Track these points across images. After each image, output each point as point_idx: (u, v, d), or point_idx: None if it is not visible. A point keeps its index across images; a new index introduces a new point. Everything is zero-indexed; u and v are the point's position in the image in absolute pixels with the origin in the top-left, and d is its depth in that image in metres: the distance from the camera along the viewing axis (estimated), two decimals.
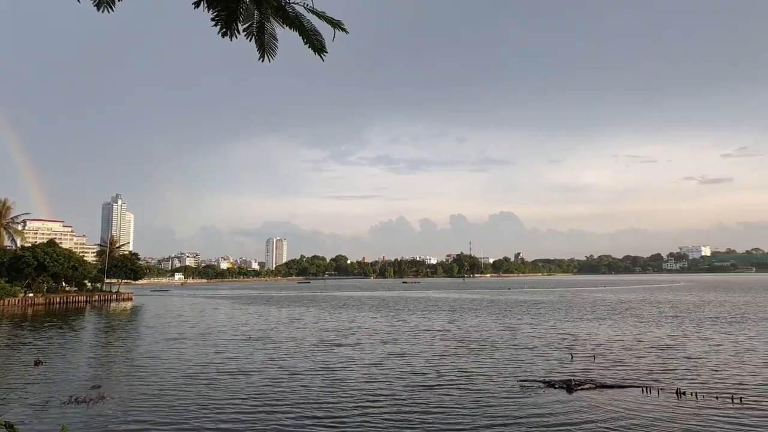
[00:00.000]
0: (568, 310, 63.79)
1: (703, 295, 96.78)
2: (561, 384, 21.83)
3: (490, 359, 28.80)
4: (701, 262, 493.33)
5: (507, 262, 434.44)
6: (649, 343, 34.26)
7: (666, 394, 20.29)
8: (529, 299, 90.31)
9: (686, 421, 17.00)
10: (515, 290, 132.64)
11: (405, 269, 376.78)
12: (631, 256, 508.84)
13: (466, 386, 22.11)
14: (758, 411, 17.92)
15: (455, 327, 45.78)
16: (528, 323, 48.57)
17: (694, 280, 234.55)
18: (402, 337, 38.40)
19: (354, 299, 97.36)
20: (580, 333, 40.44)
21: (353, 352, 31.92)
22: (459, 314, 59.59)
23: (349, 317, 57.54)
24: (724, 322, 46.53)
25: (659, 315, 56.25)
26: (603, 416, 17.65)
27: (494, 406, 18.95)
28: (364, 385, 22.44)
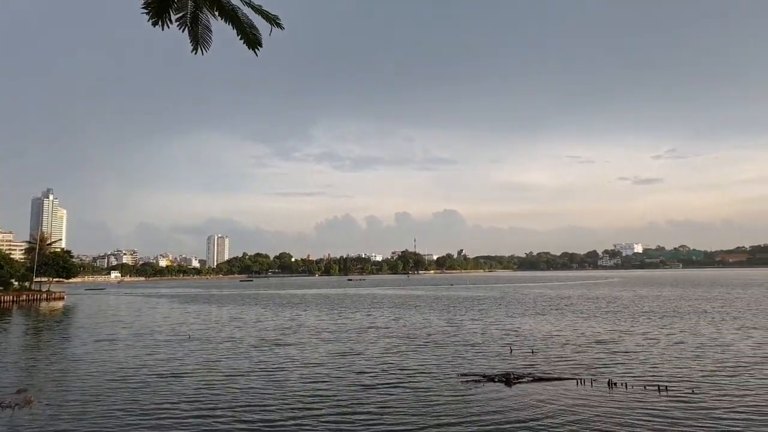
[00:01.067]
0: (509, 306, 65.45)
1: (636, 291, 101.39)
2: (500, 378, 22.36)
3: (433, 355, 29.12)
4: (634, 258, 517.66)
5: (450, 258, 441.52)
6: (586, 337, 35.56)
7: (598, 385, 21.11)
8: (471, 295, 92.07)
9: (614, 410, 17.74)
10: (458, 286, 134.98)
11: (350, 266, 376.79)
12: (568, 253, 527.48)
13: (409, 383, 22.21)
14: (680, 400, 18.88)
15: (399, 324, 46.10)
16: (470, 319, 49.48)
17: (627, 276, 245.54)
18: (346, 336, 38.23)
19: (298, 297, 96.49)
20: (521, 328, 41.54)
21: (295, 351, 31.42)
22: (403, 311, 60.08)
23: (292, 316, 56.96)
24: (656, 317, 48.76)
25: (596, 310, 58.51)
26: (539, 407, 18.19)
27: (435, 402, 19.16)
28: (306, 386, 22.03)
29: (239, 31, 8.22)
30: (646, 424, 16.18)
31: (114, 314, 63.79)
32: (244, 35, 8.28)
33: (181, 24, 7.91)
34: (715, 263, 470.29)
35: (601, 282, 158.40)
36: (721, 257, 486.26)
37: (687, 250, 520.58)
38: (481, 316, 52.47)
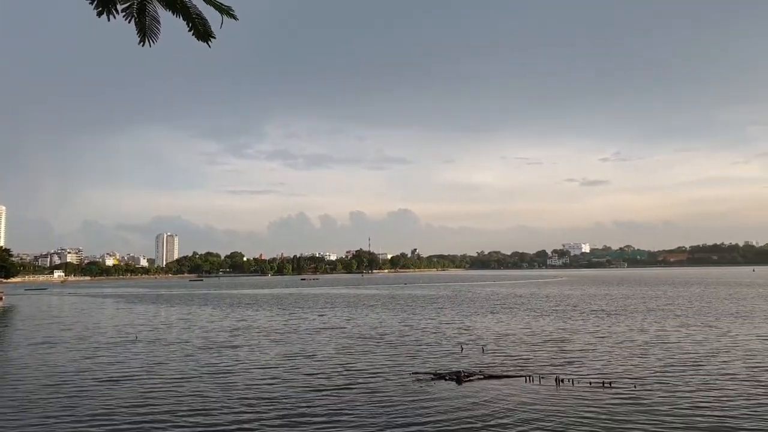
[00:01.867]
0: (461, 305, 66.32)
1: (585, 289, 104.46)
2: (451, 376, 22.56)
3: (386, 355, 29.12)
4: (581, 258, 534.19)
5: (404, 257, 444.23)
6: (536, 335, 36.35)
7: (546, 383, 21.55)
8: (424, 294, 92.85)
9: (560, 406, 18.13)
10: (411, 285, 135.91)
11: (304, 266, 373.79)
12: (518, 252, 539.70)
13: (361, 384, 22.04)
14: (623, 395, 19.44)
15: (352, 324, 45.99)
16: (423, 318, 49.86)
17: (575, 274, 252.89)
18: (298, 337, 37.65)
19: (249, 297, 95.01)
20: (472, 326, 42.13)
21: (245, 353, 30.65)
22: (356, 311, 59.99)
23: (242, 316, 56.00)
24: (604, 315, 50.26)
25: (546, 308, 59.93)
26: (488, 405, 18.40)
27: (386, 402, 19.12)
28: (255, 390, 21.36)
29: (189, 22, 7.95)
30: (590, 420, 16.61)
31: (55, 315, 61.17)
32: (194, 26, 8.00)
33: (127, 14, 7.59)
34: (657, 263, 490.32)
35: (550, 281, 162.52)
36: (663, 257, 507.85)
37: (631, 250, 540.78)
38: (433, 315, 52.95)
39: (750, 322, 42.31)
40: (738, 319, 44.08)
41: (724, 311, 51.74)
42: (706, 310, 53.66)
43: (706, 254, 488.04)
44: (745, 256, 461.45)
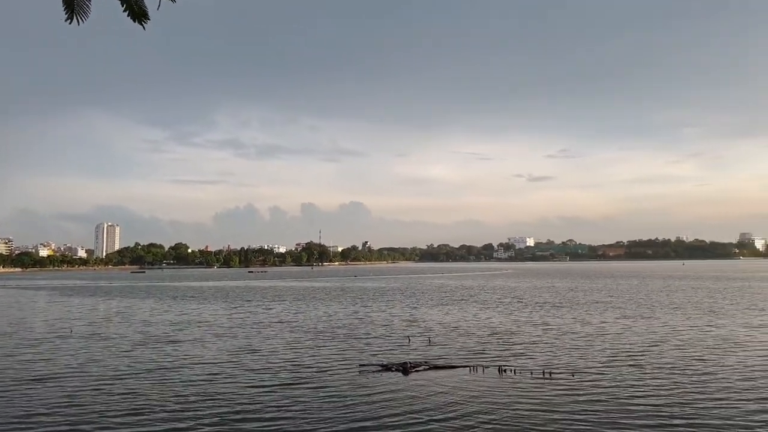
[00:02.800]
0: (410, 297, 66.80)
1: (530, 282, 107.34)
2: (398, 367, 22.63)
3: (334, 348, 28.92)
4: (526, 251, 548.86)
5: (355, 250, 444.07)
6: (482, 326, 36.94)
7: (489, 372, 21.95)
8: (374, 287, 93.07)
9: (501, 395, 18.53)
10: (362, 278, 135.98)
11: (251, 258, 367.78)
12: (466, 245, 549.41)
13: (308, 377, 21.79)
14: (562, 385, 20.01)
15: (301, 317, 45.51)
16: (372, 310, 49.91)
17: (519, 267, 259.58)
18: (244, 331, 36.70)
19: (194, 290, 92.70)
20: (420, 318, 42.44)
21: (188, 349, 29.40)
22: (305, 304, 59.45)
23: (186, 309, 54.52)
24: (548, 307, 51.64)
25: (492, 300, 61.12)
26: (432, 395, 18.60)
27: (333, 395, 18.99)
28: (197, 387, 20.30)
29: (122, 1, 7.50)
30: (529, 408, 16.99)
31: None
32: (128, 5, 7.55)
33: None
34: (597, 257, 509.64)
35: (496, 273, 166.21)
36: (603, 251, 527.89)
37: (573, 244, 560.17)
38: (382, 307, 53.08)
39: (683, 313, 44.37)
40: (673, 311, 46.17)
41: (661, 303, 54.14)
42: (644, 302, 56.02)
43: (641, 249, 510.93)
44: (676, 251, 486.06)
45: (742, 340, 29.60)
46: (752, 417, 15.90)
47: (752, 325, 36.21)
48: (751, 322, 37.36)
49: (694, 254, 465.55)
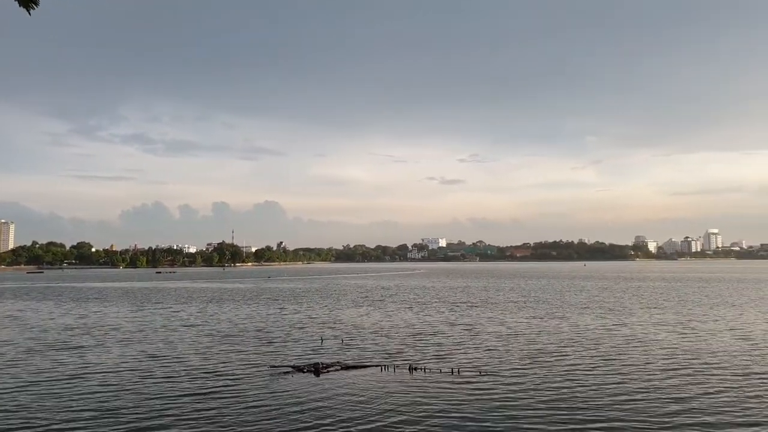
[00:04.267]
0: (324, 298, 66.66)
1: (442, 282, 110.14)
2: (309, 368, 22.66)
3: (245, 351, 28.39)
4: (438, 252, 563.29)
5: (269, 251, 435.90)
6: (395, 326, 37.59)
7: (400, 371, 22.48)
8: (288, 288, 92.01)
9: (411, 392, 19.12)
10: (276, 279, 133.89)
11: (160, 258, 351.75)
12: (382, 246, 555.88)
13: (217, 381, 21.32)
14: (469, 381, 20.92)
15: (211, 320, 44.28)
16: (284, 312, 49.41)
17: (432, 267, 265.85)
18: (151, 335, 34.98)
19: (96, 291, 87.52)
20: (333, 319, 42.53)
21: (89, 356, 27.47)
22: (215, 306, 57.82)
23: (87, 312, 51.45)
24: (460, 306, 53.31)
25: (407, 300, 62.20)
26: (344, 394, 18.85)
27: (243, 397, 18.75)
28: (97, 399, 18.84)
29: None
30: (436, 406, 17.62)
31: None
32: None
33: None
34: (505, 257, 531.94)
35: (410, 273, 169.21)
36: (511, 252, 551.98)
37: (483, 245, 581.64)
38: (296, 308, 52.66)
39: (590, 312, 47.32)
40: (580, 310, 49.11)
41: (568, 302, 57.42)
42: (553, 301, 59.17)
43: (547, 250, 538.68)
44: (578, 252, 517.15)
45: (644, 337, 31.81)
46: (652, 409, 17.34)
47: (651, 322, 39.24)
48: (648, 320, 40.50)
49: (595, 256, 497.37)
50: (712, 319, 40.08)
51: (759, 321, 38.78)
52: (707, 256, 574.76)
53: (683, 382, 20.27)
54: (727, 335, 31.87)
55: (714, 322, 38.25)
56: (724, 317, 41.20)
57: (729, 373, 21.84)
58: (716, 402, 17.67)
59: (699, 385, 19.95)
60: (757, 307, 48.78)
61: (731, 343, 28.86)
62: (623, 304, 52.99)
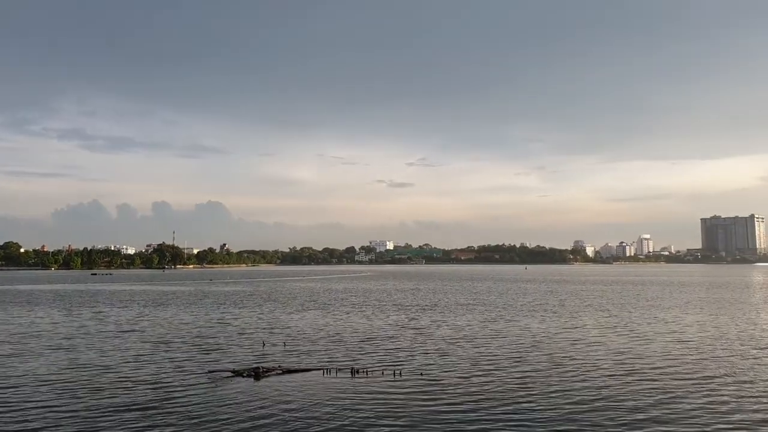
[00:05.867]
0: (269, 301, 65.83)
1: (392, 284, 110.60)
2: (249, 372, 22.40)
3: (184, 355, 27.70)
4: (386, 254, 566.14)
5: (212, 253, 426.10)
6: (340, 329, 37.58)
7: (342, 374, 22.55)
8: (230, 291, 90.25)
9: (353, 395, 19.28)
10: (218, 282, 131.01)
11: (96, 259, 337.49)
12: (329, 249, 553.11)
13: (153, 389, 20.55)
14: (410, 382, 21.28)
15: (148, 324, 42.93)
16: (226, 315, 48.51)
17: (379, 270, 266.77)
18: (82, 342, 33.04)
19: (25, 294, 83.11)
20: (278, 322, 42.09)
21: (13, 364, 25.78)
22: (155, 309, 56.07)
23: (10, 317, 48.76)
24: (412, 309, 53.76)
25: (352, 302, 62.19)
26: (284, 398, 18.78)
27: (181, 403, 18.36)
28: (27, 405, 18.09)
29: None
30: (379, 406, 17.86)
31: None
32: None
33: None
34: (450, 260, 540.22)
35: (358, 276, 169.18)
36: (455, 255, 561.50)
37: (429, 248, 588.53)
38: (238, 312, 51.78)
39: (535, 314, 48.67)
40: (526, 312, 50.45)
41: (512, 305, 58.83)
42: (497, 302, 60.50)
43: (490, 253, 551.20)
44: (520, 256, 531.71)
45: (587, 339, 32.94)
46: (596, 409, 18.03)
47: (592, 324, 40.78)
48: (590, 322, 42.09)
49: (536, 259, 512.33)
50: (649, 321, 41.88)
51: (691, 323, 40.92)
52: (640, 260, 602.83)
53: (624, 382, 21.02)
54: (663, 337, 33.16)
55: (649, 324, 39.83)
56: (660, 319, 43.21)
57: (669, 373, 22.83)
58: (661, 402, 18.42)
59: (641, 384, 20.72)
60: (685, 310, 51.49)
61: (667, 345, 30.04)
62: (566, 307, 54.80)
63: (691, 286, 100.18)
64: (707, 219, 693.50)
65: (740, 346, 29.34)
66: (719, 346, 29.13)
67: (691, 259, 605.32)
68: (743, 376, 21.90)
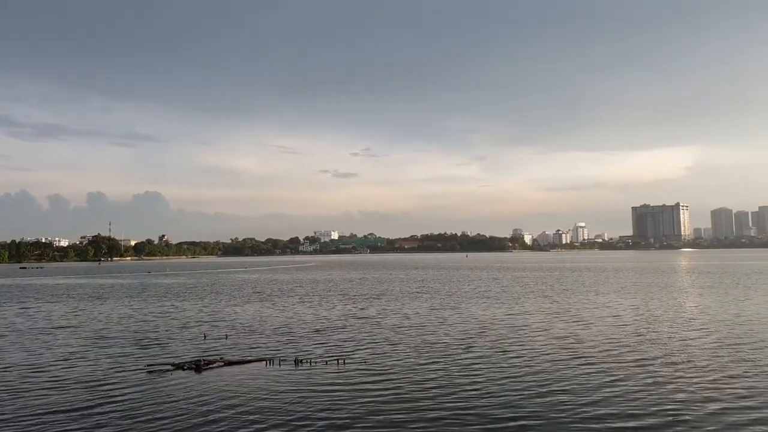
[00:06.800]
0: (210, 293, 64.27)
1: (339, 274, 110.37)
2: (190, 365, 21.79)
3: (121, 350, 26.56)
4: (330, 244, 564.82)
5: (150, 244, 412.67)
6: (284, 320, 37.08)
7: (286, 364, 22.28)
8: (170, 283, 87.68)
9: (297, 385, 19.13)
10: (158, 274, 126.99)
11: (26, 253, 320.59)
12: (272, 239, 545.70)
13: (88, 386, 19.56)
14: (355, 370, 21.27)
15: (82, 319, 41.02)
16: (166, 308, 47.03)
17: (324, 260, 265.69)
18: (10, 340, 31.05)
19: None
20: (220, 315, 41.10)
21: None
22: (90, 303, 53.65)
23: None
24: (357, 298, 53.79)
25: (297, 293, 61.56)
26: (227, 391, 18.40)
27: (118, 399, 17.63)
28: None
29: None
30: (322, 395, 17.76)
31: None
32: None
33: None
34: (395, 249, 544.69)
35: (302, 266, 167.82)
36: (399, 244, 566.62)
37: (374, 237, 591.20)
38: (178, 305, 50.26)
39: (479, 301, 49.56)
40: (467, 299, 51.27)
41: (455, 292, 59.71)
42: (441, 290, 61.30)
43: (433, 242, 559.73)
44: (461, 244, 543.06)
45: (531, 324, 33.74)
46: (540, 395, 18.43)
47: (536, 310, 41.89)
48: (533, 308, 43.23)
49: (476, 247, 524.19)
50: (588, 306, 43.17)
51: (627, 307, 42.68)
52: (575, 247, 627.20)
53: (569, 366, 21.55)
54: (603, 321, 34.19)
55: (588, 309, 41.00)
56: (599, 304, 44.77)
57: (611, 356, 23.59)
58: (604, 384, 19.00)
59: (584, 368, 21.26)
60: (622, 295, 53.78)
61: (608, 329, 30.99)
62: (509, 293, 56.14)
63: (624, 271, 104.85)
64: (637, 207, 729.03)
65: (670, 328, 30.82)
66: (654, 329, 30.49)
67: (622, 245, 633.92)
68: (676, 357, 22.99)
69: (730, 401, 16.50)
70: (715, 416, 15.17)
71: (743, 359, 22.22)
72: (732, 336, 27.73)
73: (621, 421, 14.87)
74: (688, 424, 14.58)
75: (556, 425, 14.71)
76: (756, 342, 25.93)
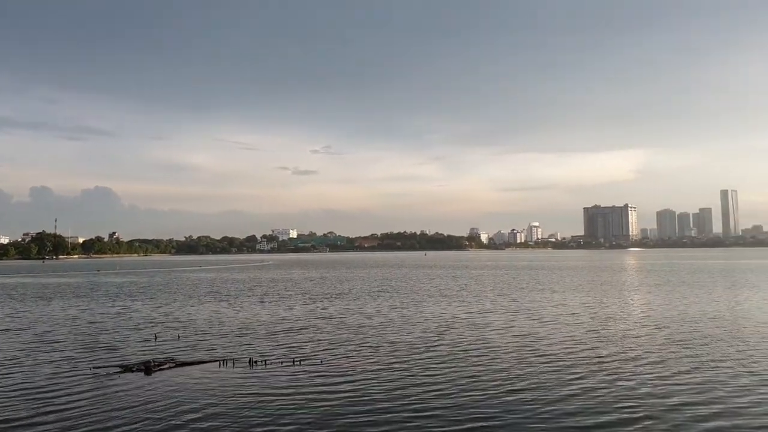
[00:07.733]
0: (161, 292, 62.34)
1: (297, 273, 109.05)
2: (139, 366, 20.86)
3: (66, 352, 25.19)
4: (289, 243, 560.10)
5: (100, 242, 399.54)
6: (239, 320, 36.14)
7: (240, 365, 21.59)
8: (120, 282, 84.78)
9: (251, 386, 18.51)
10: (107, 273, 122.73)
11: None
12: (228, 237, 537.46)
13: (29, 392, 18.37)
14: (310, 372, 20.64)
15: (23, 320, 39.03)
16: (114, 308, 45.25)
17: (282, 259, 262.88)
18: None
19: None
20: (170, 314, 39.79)
21: None
22: (32, 303, 51.19)
23: None
24: (316, 298, 53.11)
25: (253, 292, 60.37)
26: (178, 392, 17.65)
27: (63, 403, 16.61)
28: None
29: None
30: (276, 396, 17.22)
31: None
32: None
33: None
34: (354, 248, 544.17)
35: (258, 265, 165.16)
36: (359, 242, 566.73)
37: (333, 236, 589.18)
38: (127, 305, 48.43)
39: (438, 299, 49.56)
40: (427, 297, 51.20)
41: (416, 290, 59.65)
42: (401, 288, 61.14)
43: (392, 241, 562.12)
44: (420, 243, 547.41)
45: (490, 323, 33.85)
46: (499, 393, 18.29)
47: (495, 308, 42.12)
48: (492, 306, 43.47)
49: (435, 246, 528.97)
50: (545, 304, 43.79)
51: (582, 304, 43.48)
52: (530, 246, 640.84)
53: (528, 364, 21.49)
54: (561, 319, 34.54)
55: (545, 307, 41.65)
56: (556, 302, 45.49)
57: (569, 353, 23.82)
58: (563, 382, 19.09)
59: (544, 365, 21.36)
60: (576, 293, 54.83)
61: (565, 327, 31.22)
62: (468, 292, 56.48)
63: (577, 270, 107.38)
64: (589, 208, 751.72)
65: (624, 325, 31.43)
66: (608, 327, 30.96)
67: (574, 245, 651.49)
68: (631, 353, 23.35)
69: (686, 396, 16.78)
70: (671, 411, 15.36)
71: (693, 354, 22.79)
72: (681, 332, 28.48)
73: (582, 418, 14.88)
74: (647, 420, 14.71)
75: (518, 424, 14.60)
76: (704, 337, 26.71)
